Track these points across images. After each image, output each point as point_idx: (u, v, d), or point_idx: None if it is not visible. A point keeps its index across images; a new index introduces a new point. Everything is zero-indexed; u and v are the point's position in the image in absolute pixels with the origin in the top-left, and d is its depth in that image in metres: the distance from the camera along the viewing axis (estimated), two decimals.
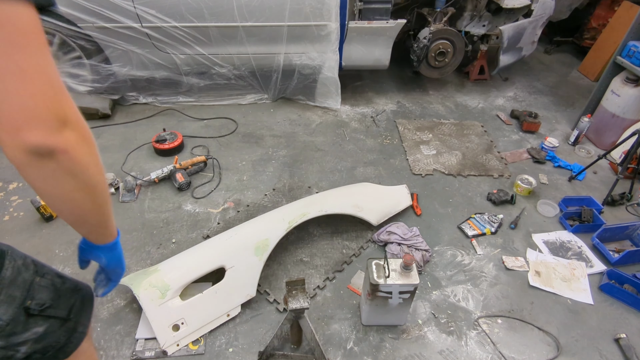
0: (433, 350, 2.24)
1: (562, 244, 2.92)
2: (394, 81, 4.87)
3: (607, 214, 3.20)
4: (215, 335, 2.24)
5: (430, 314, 2.42)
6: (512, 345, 2.29)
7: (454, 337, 2.32)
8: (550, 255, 2.83)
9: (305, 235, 2.84)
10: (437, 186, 3.36)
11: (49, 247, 2.63)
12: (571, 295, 2.57)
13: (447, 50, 4.28)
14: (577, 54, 5.70)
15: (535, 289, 2.60)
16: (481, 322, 2.40)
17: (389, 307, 2.18)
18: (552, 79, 5.19)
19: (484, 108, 4.48)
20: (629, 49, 3.55)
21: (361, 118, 4.17)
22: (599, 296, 2.59)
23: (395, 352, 2.22)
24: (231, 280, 2.29)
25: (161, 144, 3.43)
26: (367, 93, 4.60)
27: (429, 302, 2.49)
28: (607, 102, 3.82)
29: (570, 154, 3.88)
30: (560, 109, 4.58)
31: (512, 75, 5.16)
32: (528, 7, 4.30)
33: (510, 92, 4.84)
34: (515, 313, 2.46)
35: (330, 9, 3.60)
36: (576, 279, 2.66)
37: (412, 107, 4.42)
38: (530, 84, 5.03)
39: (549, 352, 2.28)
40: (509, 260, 2.76)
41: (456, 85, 4.87)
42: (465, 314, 2.44)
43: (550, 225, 3.08)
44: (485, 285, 2.61)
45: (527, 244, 2.91)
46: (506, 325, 2.39)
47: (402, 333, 2.31)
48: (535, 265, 2.74)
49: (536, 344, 2.31)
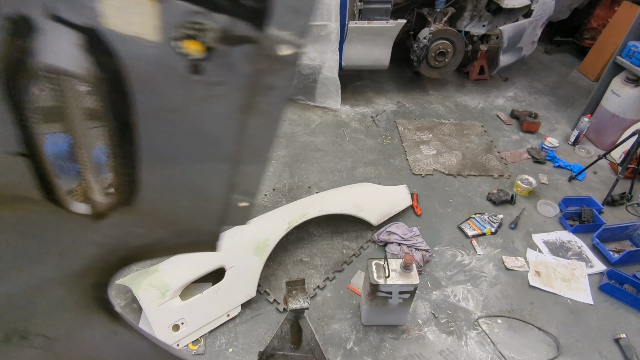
0: (433, 350, 2.24)
1: (562, 244, 2.92)
2: (394, 81, 4.87)
3: (607, 214, 3.20)
4: (215, 335, 2.24)
5: (430, 314, 2.42)
6: (512, 345, 2.29)
7: (454, 337, 2.32)
8: (550, 255, 2.83)
9: (305, 235, 2.84)
10: (437, 186, 3.36)
11: None
12: (571, 295, 2.57)
13: (447, 50, 4.28)
14: (577, 54, 5.70)
15: (535, 289, 2.60)
16: (481, 322, 2.40)
17: (389, 307, 2.18)
18: (552, 79, 5.19)
19: (484, 108, 4.48)
20: (629, 49, 3.55)
21: (361, 118, 4.17)
22: (599, 296, 2.59)
23: (395, 352, 2.22)
24: (231, 280, 2.29)
25: None
26: (367, 93, 4.60)
27: (429, 302, 2.49)
28: (607, 102, 3.82)
29: (570, 154, 3.88)
30: (560, 109, 4.58)
31: (512, 75, 5.16)
32: (528, 7, 4.30)
33: (510, 92, 4.84)
34: (515, 313, 2.46)
35: (330, 8, 3.60)
36: (576, 279, 2.66)
37: (412, 107, 4.42)
38: (530, 84, 5.03)
39: (549, 352, 2.28)
40: (509, 260, 2.76)
41: (456, 85, 4.87)
42: (465, 314, 2.44)
43: (550, 225, 3.08)
44: (485, 285, 2.61)
45: (527, 244, 2.91)
46: (506, 325, 2.39)
47: (402, 333, 2.31)
48: (535, 265, 2.74)
49: (536, 344, 2.31)
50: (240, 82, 0.51)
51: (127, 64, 0.49)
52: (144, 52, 0.48)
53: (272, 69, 0.49)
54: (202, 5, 0.43)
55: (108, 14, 0.44)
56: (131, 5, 0.44)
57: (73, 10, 0.44)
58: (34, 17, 0.44)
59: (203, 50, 0.46)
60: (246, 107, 0.54)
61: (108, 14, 0.44)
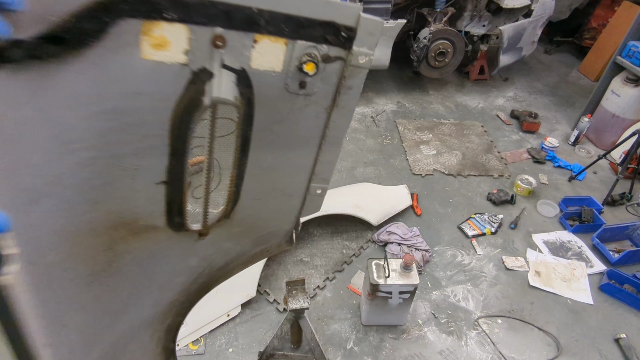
0: (433, 350, 2.24)
1: (562, 244, 2.92)
2: (394, 81, 4.87)
3: (607, 214, 3.20)
4: (215, 335, 2.24)
5: (430, 314, 2.42)
6: (512, 345, 2.29)
7: (454, 337, 2.32)
8: (550, 255, 2.83)
9: (305, 235, 2.84)
10: (437, 186, 3.36)
11: None
12: (571, 295, 2.57)
13: (447, 50, 4.28)
14: (577, 54, 5.70)
15: (535, 289, 2.60)
16: (481, 322, 2.40)
17: (389, 307, 2.18)
18: (552, 79, 5.19)
19: (484, 108, 4.48)
20: (629, 49, 3.55)
21: (361, 118, 4.17)
22: (599, 296, 2.59)
23: (395, 352, 2.22)
24: (231, 280, 2.29)
25: None
26: (367, 93, 4.60)
27: (429, 302, 2.49)
28: (607, 102, 3.82)
29: (570, 154, 3.88)
30: (560, 109, 4.58)
31: (512, 75, 5.16)
32: (528, 7, 4.30)
33: (510, 92, 4.84)
34: (515, 313, 2.46)
35: None
36: (576, 279, 2.66)
37: (412, 107, 4.42)
38: (530, 84, 5.03)
39: (549, 352, 2.28)
40: (509, 260, 2.76)
41: (456, 85, 4.88)
42: (465, 314, 2.44)
43: (550, 225, 3.08)
44: (485, 285, 2.61)
45: (527, 244, 2.91)
46: (506, 325, 2.39)
47: (402, 333, 2.31)
48: (535, 265, 2.74)
49: (536, 344, 2.31)
50: (329, 88, 0.67)
51: (256, 91, 0.65)
52: (268, 80, 0.64)
53: (352, 74, 0.65)
54: (314, 42, 0.61)
55: (253, 58, 0.61)
56: (270, 50, 0.60)
57: (235, 58, 0.60)
58: (211, 67, 0.60)
59: (315, 70, 0.63)
60: (331, 106, 0.70)
61: (253, 58, 0.61)
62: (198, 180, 0.73)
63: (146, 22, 0.52)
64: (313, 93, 0.67)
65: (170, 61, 0.57)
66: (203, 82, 0.61)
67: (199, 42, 0.56)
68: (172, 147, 0.66)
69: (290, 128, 0.73)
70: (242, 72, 0.62)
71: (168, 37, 0.54)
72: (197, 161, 2.63)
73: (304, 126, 0.73)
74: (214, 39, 0.57)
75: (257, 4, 0.56)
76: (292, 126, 0.72)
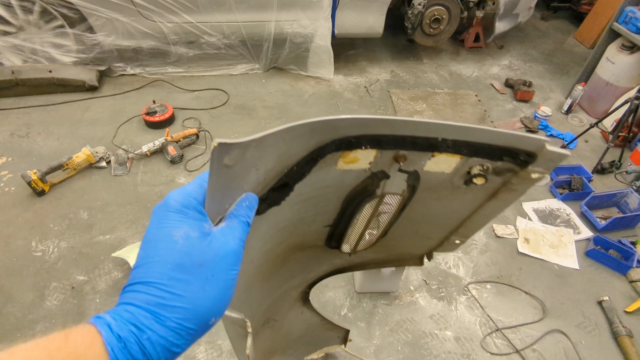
0: (424, 314, 2.33)
1: (551, 212, 2.98)
2: (387, 50, 4.77)
3: (596, 182, 3.25)
4: None
5: (421, 281, 2.49)
6: (499, 308, 2.38)
7: (444, 302, 2.40)
8: (539, 222, 2.89)
9: None
10: None
11: (43, 221, 2.63)
12: (558, 261, 2.65)
13: (442, 17, 4.18)
14: (574, 20, 5.60)
15: (524, 256, 2.68)
16: (471, 288, 2.48)
17: (382, 275, 2.24)
18: (547, 46, 5.12)
19: (479, 77, 4.44)
20: (626, 15, 3.49)
21: (354, 88, 4.12)
22: (584, 261, 2.67)
23: (387, 317, 2.30)
24: None
25: (151, 116, 3.38)
26: (361, 62, 4.52)
27: (421, 269, 2.55)
28: (601, 69, 3.79)
29: (562, 122, 3.89)
30: (554, 77, 4.54)
31: (508, 42, 5.08)
32: None
33: (505, 60, 4.78)
34: (504, 279, 2.54)
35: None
36: (563, 246, 2.74)
37: (406, 77, 4.36)
38: (525, 52, 4.96)
39: (535, 314, 2.37)
40: (499, 228, 2.82)
41: (451, 54, 4.80)
42: (456, 280, 2.51)
43: (540, 194, 3.12)
44: (476, 253, 2.67)
45: (518, 212, 2.96)
46: (495, 290, 2.48)
47: (394, 299, 2.39)
48: (524, 232, 2.80)
49: (523, 307, 2.40)
50: (494, 186, 0.73)
51: (422, 183, 0.75)
52: (436, 177, 0.72)
53: (521, 182, 0.69)
54: (490, 159, 0.65)
55: (428, 165, 0.69)
56: (445, 161, 0.67)
57: (411, 166, 0.70)
58: (389, 171, 0.71)
59: (484, 182, 0.69)
60: (490, 196, 0.77)
61: (428, 165, 0.69)
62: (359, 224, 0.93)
63: (346, 151, 0.64)
64: (476, 189, 0.75)
65: (357, 169, 0.70)
66: (379, 179, 0.73)
67: (383, 158, 0.67)
68: (341, 210, 0.84)
69: (445, 204, 0.83)
70: (415, 173, 0.72)
71: (360, 156, 0.66)
72: (188, 133, 2.79)
73: (458, 204, 0.82)
74: (396, 157, 0.67)
75: (444, 135, 0.61)
76: (447, 203, 0.82)
